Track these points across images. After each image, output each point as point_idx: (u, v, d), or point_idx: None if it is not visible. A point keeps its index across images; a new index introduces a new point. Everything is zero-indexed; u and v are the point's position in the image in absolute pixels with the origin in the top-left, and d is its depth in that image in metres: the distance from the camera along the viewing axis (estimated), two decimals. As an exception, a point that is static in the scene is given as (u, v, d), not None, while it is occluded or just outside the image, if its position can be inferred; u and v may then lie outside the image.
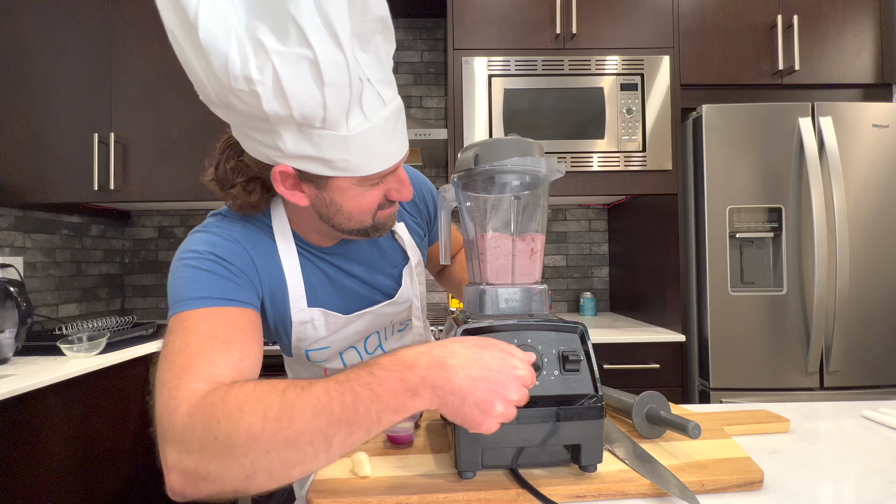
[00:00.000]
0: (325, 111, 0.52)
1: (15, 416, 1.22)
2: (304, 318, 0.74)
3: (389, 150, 0.60)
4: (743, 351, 1.72)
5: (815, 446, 0.72)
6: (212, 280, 0.62)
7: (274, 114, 0.51)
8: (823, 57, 1.95)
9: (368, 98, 0.55)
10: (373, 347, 0.85)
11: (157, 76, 1.94)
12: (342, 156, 0.56)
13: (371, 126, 0.56)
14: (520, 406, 0.49)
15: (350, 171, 0.59)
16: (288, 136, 0.55)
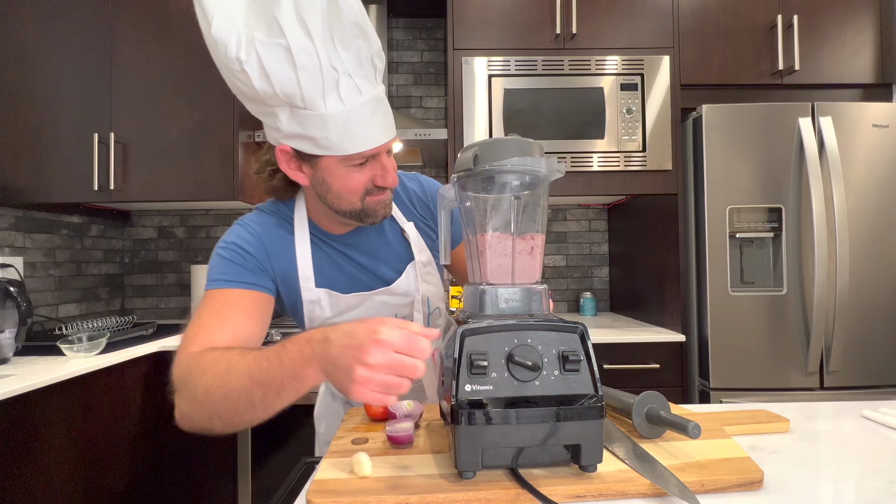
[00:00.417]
0: (301, 90, 0.64)
1: (15, 416, 1.22)
2: (313, 297, 0.83)
3: (367, 134, 0.69)
4: (743, 351, 1.72)
5: (815, 446, 0.72)
6: (228, 265, 0.77)
7: (264, 92, 0.65)
8: (823, 57, 1.95)
9: (345, 87, 0.66)
10: None
11: (157, 76, 1.94)
12: (323, 134, 0.67)
13: (347, 109, 0.67)
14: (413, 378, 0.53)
15: (331, 150, 0.69)
16: (283, 116, 0.68)
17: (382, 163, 0.75)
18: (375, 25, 2.33)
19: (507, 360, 0.57)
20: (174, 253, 2.49)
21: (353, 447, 0.69)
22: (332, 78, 0.65)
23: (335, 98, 0.66)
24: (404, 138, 2.02)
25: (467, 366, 0.56)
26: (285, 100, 0.66)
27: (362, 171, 0.74)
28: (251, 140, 2.07)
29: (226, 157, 1.94)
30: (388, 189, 0.78)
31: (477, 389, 0.56)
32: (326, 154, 0.70)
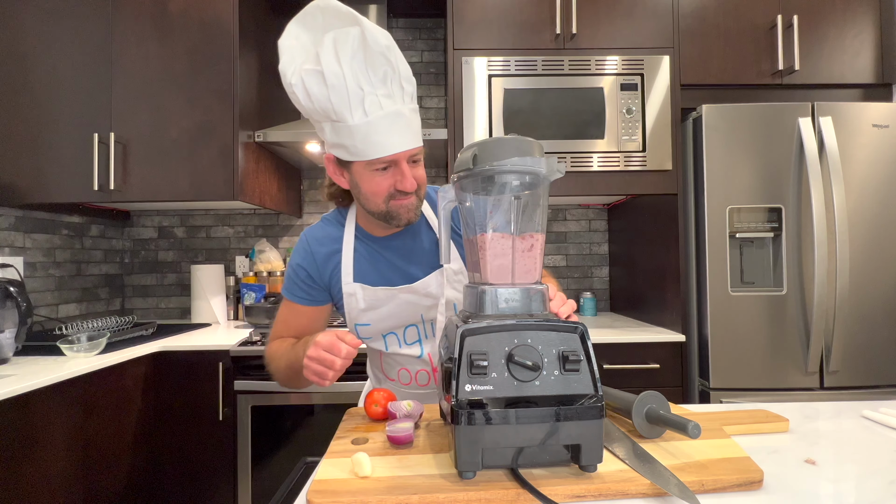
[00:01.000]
0: (332, 105, 0.80)
1: (15, 416, 1.22)
2: (350, 290, 0.96)
3: (386, 142, 0.81)
4: (743, 351, 1.72)
5: (815, 446, 0.72)
6: (290, 282, 1.01)
7: (309, 108, 0.83)
8: (823, 57, 1.95)
9: (370, 102, 0.80)
10: (412, 339, 1.00)
11: (157, 76, 1.94)
12: (351, 142, 0.81)
13: (369, 121, 0.80)
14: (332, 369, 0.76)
15: (358, 156, 0.82)
16: (327, 128, 0.84)
17: (402, 169, 0.85)
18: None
19: (508, 360, 0.57)
20: (174, 253, 2.49)
21: (353, 447, 0.69)
22: (357, 96, 0.79)
23: (360, 112, 0.79)
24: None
25: (467, 366, 0.56)
26: (324, 114, 0.82)
27: (385, 175, 0.85)
28: (251, 140, 2.07)
29: (226, 157, 1.94)
30: (413, 195, 0.88)
31: (477, 389, 0.56)
32: (355, 160, 0.83)
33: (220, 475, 1.74)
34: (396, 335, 1.00)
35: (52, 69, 1.91)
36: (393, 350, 1.00)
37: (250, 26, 2.06)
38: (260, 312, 2.03)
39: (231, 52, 1.94)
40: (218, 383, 1.72)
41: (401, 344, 1.00)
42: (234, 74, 1.94)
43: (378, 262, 0.98)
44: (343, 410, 0.91)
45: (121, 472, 1.58)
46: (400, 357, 1.00)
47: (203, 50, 1.95)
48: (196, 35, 1.95)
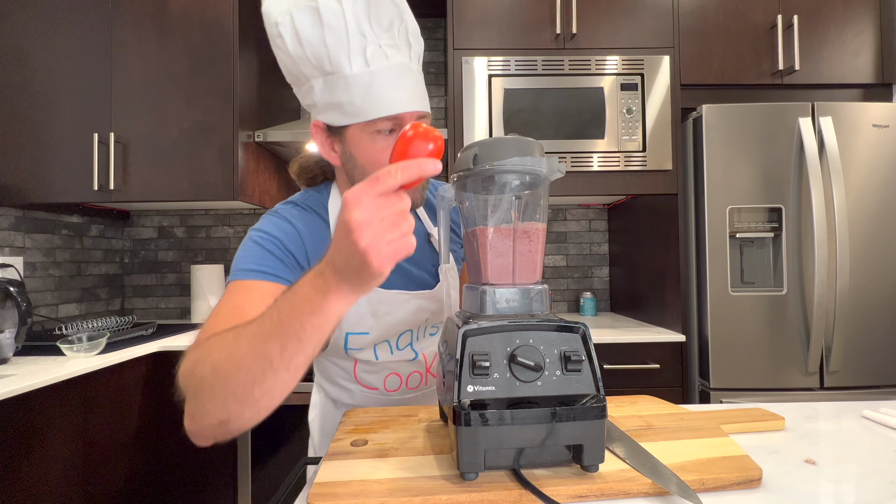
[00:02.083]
0: (327, 50, 0.66)
1: (15, 416, 1.22)
2: None
3: (390, 97, 0.68)
4: (743, 351, 1.73)
5: (815, 446, 0.72)
6: (261, 254, 0.71)
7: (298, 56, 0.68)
8: (823, 57, 1.95)
9: (373, 51, 0.67)
10: (404, 345, 0.87)
11: (157, 76, 1.94)
12: (348, 98, 0.67)
13: (371, 71, 0.67)
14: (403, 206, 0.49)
15: (357, 115, 0.68)
16: (317, 86, 0.70)
17: None
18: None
19: (510, 361, 0.57)
20: (174, 253, 2.49)
21: (353, 448, 0.68)
22: (358, 42, 0.66)
23: (361, 61, 0.66)
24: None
25: (469, 366, 0.56)
26: (315, 63, 0.68)
27: (388, 140, 0.70)
28: (251, 140, 2.07)
29: (226, 157, 1.94)
30: None
31: (479, 390, 0.56)
32: (352, 121, 0.69)
33: (220, 475, 1.74)
34: (389, 343, 0.86)
35: (52, 69, 1.91)
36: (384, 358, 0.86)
37: (250, 26, 2.06)
38: (260, 312, 2.03)
39: (231, 52, 1.94)
40: (218, 383, 1.72)
41: (392, 351, 0.87)
42: (234, 74, 1.94)
43: None
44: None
45: (121, 472, 1.58)
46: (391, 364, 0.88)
47: (203, 50, 1.94)
48: (196, 35, 1.95)
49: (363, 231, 0.46)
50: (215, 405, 0.54)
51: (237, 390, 0.52)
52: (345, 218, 0.47)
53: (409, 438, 0.71)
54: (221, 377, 0.53)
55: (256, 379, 0.52)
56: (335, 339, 0.83)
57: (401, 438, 0.71)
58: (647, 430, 0.73)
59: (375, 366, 0.87)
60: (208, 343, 0.56)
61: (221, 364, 0.53)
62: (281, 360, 0.51)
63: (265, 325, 0.52)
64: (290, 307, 0.51)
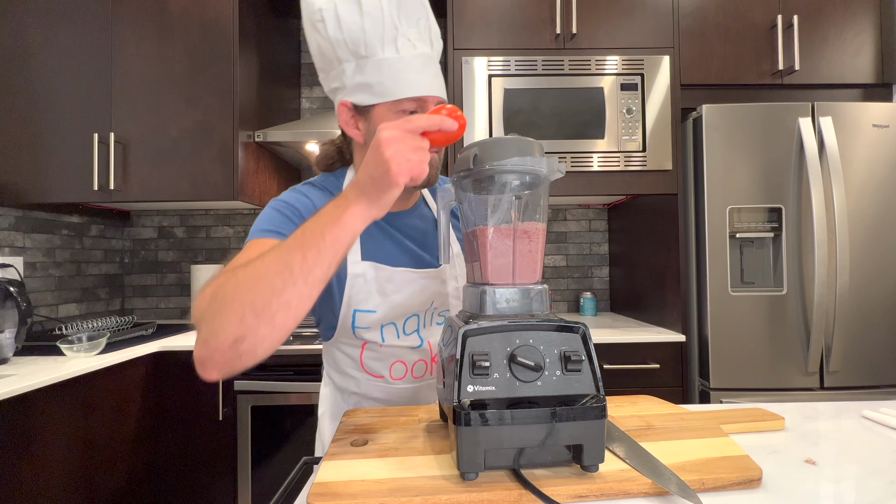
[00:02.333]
0: (364, 35, 0.74)
1: (15, 416, 1.22)
2: (357, 271, 0.84)
3: (416, 80, 0.76)
4: (743, 351, 1.73)
5: (815, 446, 0.72)
6: (278, 218, 0.78)
7: (336, 40, 0.75)
8: (823, 57, 1.95)
9: (403, 42, 0.75)
10: (410, 330, 0.90)
11: (157, 76, 1.94)
12: (378, 79, 0.75)
13: (400, 57, 0.75)
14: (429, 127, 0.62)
15: (385, 95, 0.75)
16: (349, 69, 0.77)
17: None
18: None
19: (510, 361, 0.57)
20: (174, 253, 2.49)
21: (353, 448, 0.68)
22: (391, 32, 0.75)
23: (392, 48, 0.75)
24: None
25: (469, 366, 0.56)
26: (351, 47, 0.75)
27: None
28: (251, 140, 2.07)
29: (226, 157, 1.94)
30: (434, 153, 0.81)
31: (479, 390, 0.56)
32: (380, 100, 0.76)
33: (220, 475, 1.74)
34: (396, 326, 0.89)
35: (52, 69, 1.91)
36: (390, 342, 0.88)
37: (250, 26, 2.06)
38: (260, 312, 2.03)
39: (231, 52, 1.94)
40: (218, 383, 1.72)
41: (399, 335, 0.89)
42: (234, 74, 1.94)
43: (388, 241, 0.88)
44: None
45: (121, 472, 1.58)
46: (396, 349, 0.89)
47: (203, 50, 1.94)
48: (196, 35, 1.95)
49: (389, 145, 0.58)
50: (232, 321, 0.57)
51: (257, 301, 0.56)
52: (376, 137, 0.59)
53: (409, 438, 0.71)
54: (242, 290, 0.57)
55: (276, 289, 0.57)
56: (343, 318, 0.86)
57: (401, 438, 0.71)
58: (647, 430, 0.73)
59: (381, 352, 0.89)
60: (231, 270, 0.61)
61: (244, 279, 0.58)
62: (301, 269, 0.57)
63: (289, 241, 0.59)
64: (312, 223, 0.60)
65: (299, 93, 2.54)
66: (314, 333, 1.84)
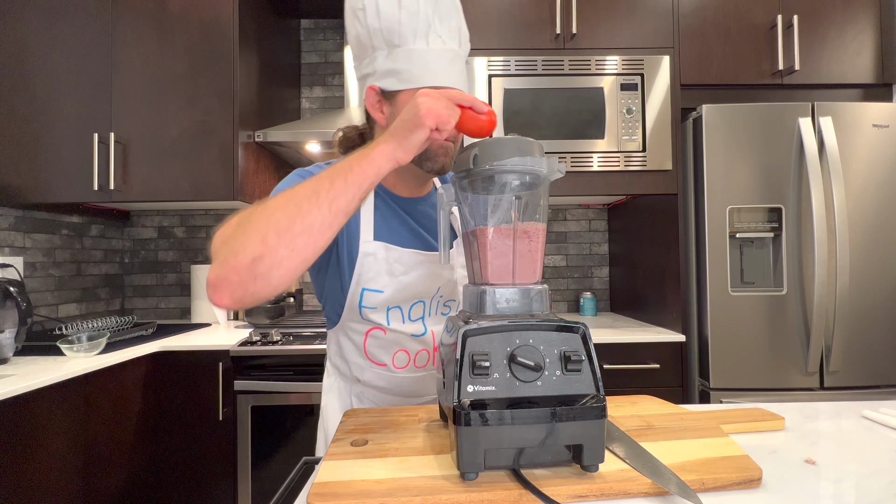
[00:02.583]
0: (399, 26, 0.79)
1: (15, 416, 1.22)
2: (369, 249, 0.87)
3: (442, 72, 0.81)
4: (743, 351, 1.73)
5: (815, 446, 0.72)
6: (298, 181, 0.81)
7: (373, 28, 0.80)
8: (823, 57, 1.95)
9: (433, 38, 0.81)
10: (416, 316, 0.92)
11: (157, 76, 1.94)
12: (408, 66, 0.80)
13: (429, 49, 0.80)
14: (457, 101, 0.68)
15: (412, 82, 0.80)
16: (381, 56, 0.82)
17: None
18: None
19: (510, 361, 0.57)
20: (174, 253, 2.49)
21: (353, 448, 0.68)
22: (424, 27, 0.80)
23: (424, 41, 0.80)
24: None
25: (469, 366, 0.56)
26: (386, 35, 0.80)
27: None
28: (251, 140, 2.07)
29: (226, 157, 1.94)
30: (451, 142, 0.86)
31: (479, 390, 0.56)
32: (407, 87, 0.81)
33: (220, 475, 1.74)
34: (401, 310, 0.90)
35: (52, 69, 1.91)
36: (395, 326, 0.89)
37: (250, 26, 2.06)
38: (260, 312, 2.03)
39: (231, 52, 1.94)
40: (218, 383, 1.72)
41: (404, 320, 0.91)
42: (234, 74, 1.94)
43: (401, 224, 0.91)
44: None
45: (121, 472, 1.58)
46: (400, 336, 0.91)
47: (203, 50, 1.94)
48: (196, 35, 1.95)
49: (425, 99, 0.65)
50: (254, 240, 0.59)
51: (282, 221, 0.60)
52: (415, 97, 0.67)
53: (409, 438, 0.71)
54: (269, 212, 0.61)
55: (302, 210, 0.60)
56: (351, 297, 0.88)
57: (401, 438, 0.71)
58: (647, 430, 0.73)
59: (385, 339, 0.91)
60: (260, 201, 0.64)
61: (272, 204, 0.62)
62: (327, 195, 0.61)
63: (318, 175, 0.64)
64: (342, 162, 0.65)
65: (299, 93, 2.54)
66: (314, 334, 1.84)
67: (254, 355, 1.73)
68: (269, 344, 1.75)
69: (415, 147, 0.66)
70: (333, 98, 2.54)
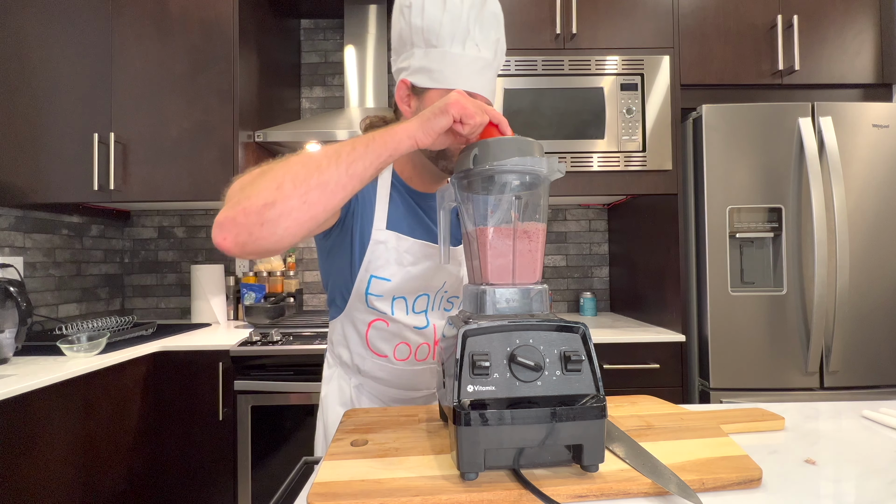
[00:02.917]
0: (440, 28, 0.81)
1: (15, 416, 1.22)
2: (381, 238, 0.89)
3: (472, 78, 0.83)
4: (743, 351, 1.73)
5: (815, 446, 0.72)
6: None
7: (415, 26, 0.83)
8: (823, 57, 1.95)
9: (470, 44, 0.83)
10: (420, 309, 0.94)
11: (157, 76, 1.94)
12: (440, 67, 0.83)
13: (464, 54, 0.83)
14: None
15: (441, 82, 0.83)
16: (418, 53, 0.84)
17: None
18: (375, 25, 2.33)
19: (510, 361, 0.57)
20: (174, 253, 2.49)
21: (353, 448, 0.69)
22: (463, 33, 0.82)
23: (460, 45, 0.83)
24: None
25: (469, 366, 0.56)
26: (426, 35, 0.83)
27: None
28: (251, 140, 2.07)
29: (226, 157, 1.94)
30: None
31: (479, 390, 0.56)
32: (436, 86, 0.84)
33: (220, 475, 1.74)
34: (406, 301, 0.92)
35: (52, 69, 1.91)
36: (398, 317, 0.91)
37: (250, 26, 2.06)
38: (260, 312, 2.03)
39: (231, 52, 1.94)
40: (218, 383, 1.72)
41: (408, 311, 0.93)
42: (234, 74, 1.94)
43: (414, 217, 0.93)
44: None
45: (121, 472, 1.58)
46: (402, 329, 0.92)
47: (203, 50, 1.95)
48: (196, 35, 1.95)
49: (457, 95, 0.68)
50: (270, 187, 0.62)
51: (299, 173, 0.62)
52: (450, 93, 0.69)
53: (409, 438, 0.71)
54: (289, 164, 0.64)
55: (321, 167, 0.63)
56: (359, 283, 0.90)
57: (401, 438, 0.71)
58: (647, 430, 0.73)
59: (387, 331, 0.93)
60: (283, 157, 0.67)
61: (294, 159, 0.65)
62: (347, 157, 0.64)
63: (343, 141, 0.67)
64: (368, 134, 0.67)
65: (299, 93, 2.54)
66: (314, 334, 1.84)
67: (254, 355, 1.73)
68: (269, 344, 1.75)
69: (435, 131, 0.67)
70: (333, 98, 2.54)
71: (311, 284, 2.52)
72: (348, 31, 2.32)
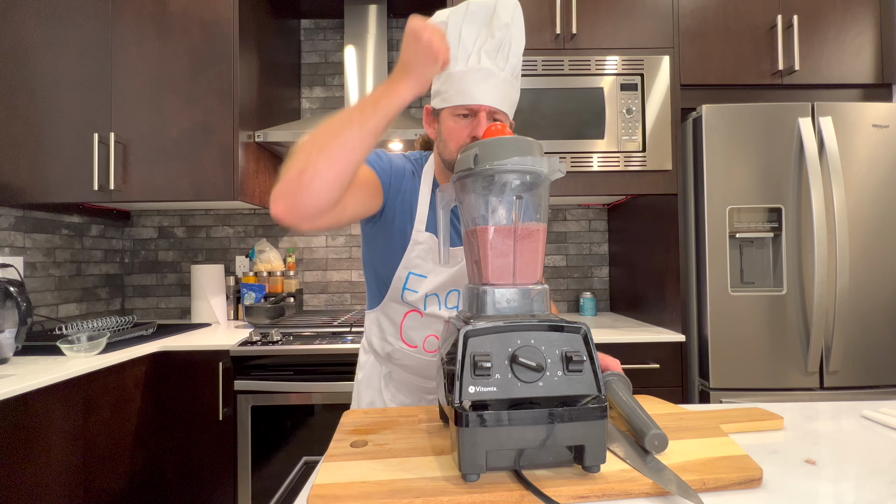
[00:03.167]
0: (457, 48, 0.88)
1: (15, 416, 1.22)
2: (420, 238, 0.97)
3: (471, 92, 0.88)
4: (743, 351, 1.73)
5: (815, 446, 0.72)
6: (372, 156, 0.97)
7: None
8: (823, 57, 1.95)
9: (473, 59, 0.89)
10: (451, 304, 1.01)
11: (157, 76, 1.94)
12: (446, 88, 0.90)
13: (466, 71, 0.88)
14: None
15: (447, 102, 0.91)
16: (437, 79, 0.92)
17: (479, 119, 0.90)
18: (375, 25, 2.33)
19: (511, 361, 0.57)
20: (174, 253, 2.48)
21: (353, 449, 0.68)
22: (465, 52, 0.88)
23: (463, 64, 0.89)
24: (404, 138, 2.02)
25: (471, 367, 0.56)
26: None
27: (463, 123, 0.91)
28: (251, 140, 2.07)
29: (226, 157, 1.94)
30: None
31: (480, 391, 0.56)
32: (444, 106, 0.91)
33: (220, 475, 1.74)
34: (438, 297, 1.00)
35: (52, 69, 1.90)
36: (431, 311, 0.99)
37: (250, 26, 2.06)
38: (260, 312, 2.03)
39: (231, 52, 1.94)
40: (218, 383, 1.72)
41: (440, 306, 1.00)
42: (234, 74, 1.94)
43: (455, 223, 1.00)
44: (342, 410, 0.91)
45: (121, 472, 1.58)
46: (433, 320, 1.00)
47: (203, 50, 1.94)
48: (196, 35, 1.95)
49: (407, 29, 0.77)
50: (301, 158, 0.72)
51: (322, 141, 0.72)
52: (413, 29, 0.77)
53: (409, 439, 0.71)
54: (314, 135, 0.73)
55: (337, 131, 0.73)
56: (397, 279, 0.98)
57: (401, 439, 0.71)
58: (647, 431, 0.73)
59: (421, 322, 1.01)
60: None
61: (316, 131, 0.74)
62: (358, 119, 0.73)
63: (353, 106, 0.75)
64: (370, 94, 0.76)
65: (299, 93, 2.54)
66: (314, 334, 1.84)
67: (254, 355, 1.73)
68: (269, 344, 1.75)
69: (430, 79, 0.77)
70: (333, 98, 2.54)
71: (311, 284, 2.52)
72: (348, 32, 2.32)
